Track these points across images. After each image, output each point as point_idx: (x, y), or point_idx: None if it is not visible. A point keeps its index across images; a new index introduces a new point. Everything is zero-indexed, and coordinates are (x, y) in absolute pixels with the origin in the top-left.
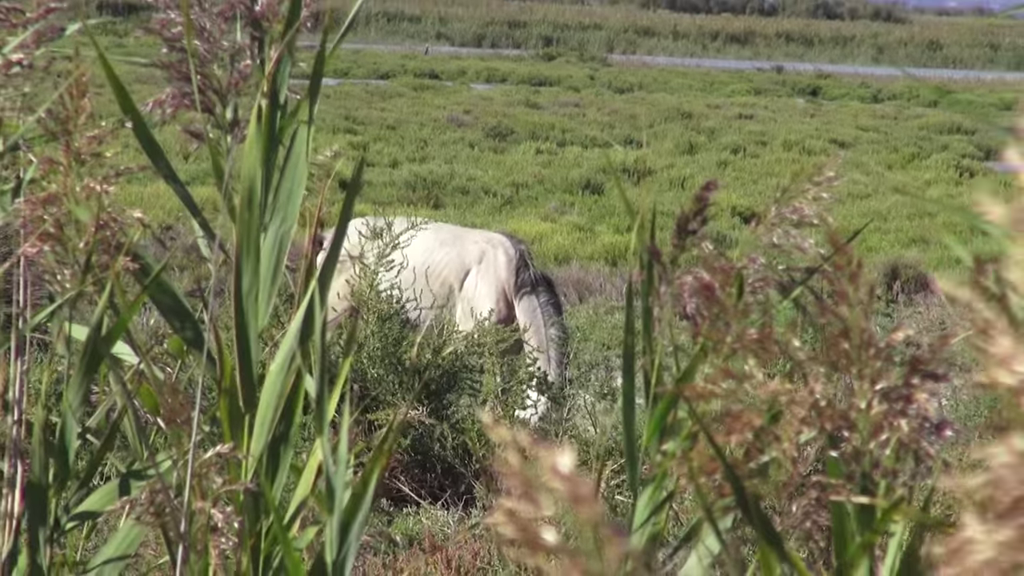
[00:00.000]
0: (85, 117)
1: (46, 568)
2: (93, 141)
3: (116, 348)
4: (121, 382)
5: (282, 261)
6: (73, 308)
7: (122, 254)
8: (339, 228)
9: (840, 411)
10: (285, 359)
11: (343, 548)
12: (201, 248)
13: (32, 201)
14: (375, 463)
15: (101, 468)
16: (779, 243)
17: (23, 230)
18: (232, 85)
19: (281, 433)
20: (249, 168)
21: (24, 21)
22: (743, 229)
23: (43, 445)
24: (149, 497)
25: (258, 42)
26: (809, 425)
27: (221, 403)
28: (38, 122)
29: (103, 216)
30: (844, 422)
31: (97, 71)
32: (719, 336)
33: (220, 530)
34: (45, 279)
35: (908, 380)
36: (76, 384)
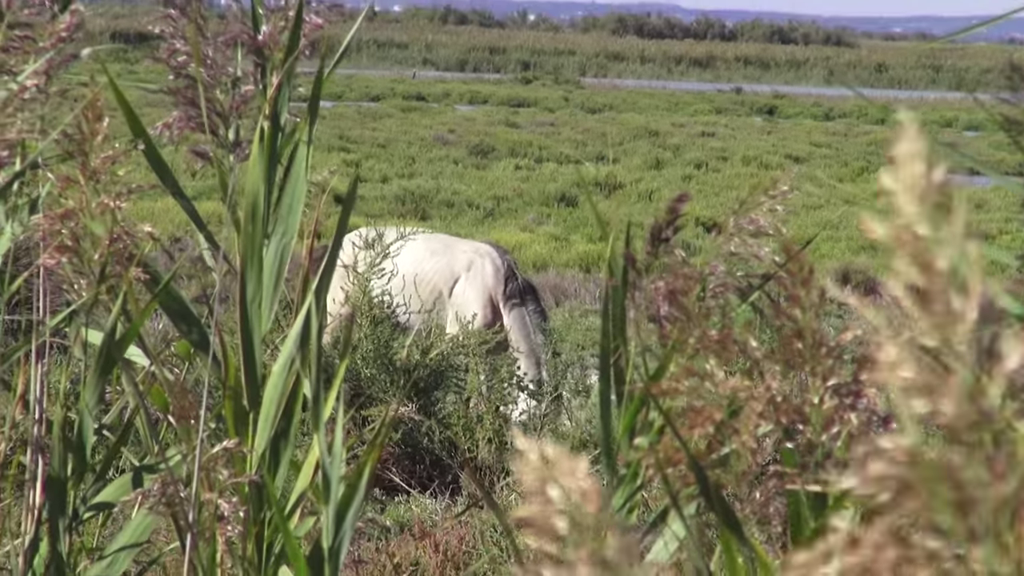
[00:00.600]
0: (100, 139)
1: (65, 555)
2: (107, 161)
3: (129, 351)
4: (133, 383)
5: (283, 271)
6: (89, 314)
7: (134, 265)
8: (335, 239)
9: (794, 406)
10: (286, 361)
11: (339, 535)
12: (206, 259)
13: (50, 216)
14: (368, 456)
15: (116, 462)
16: (737, 251)
17: (42, 243)
18: (234, 108)
19: (282, 430)
20: (252, 185)
21: (37, 49)
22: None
23: (62, 441)
24: (160, 489)
25: (260, 69)
26: (766, 419)
27: (226, 402)
28: (56, 143)
29: (116, 230)
30: (798, 416)
31: (110, 96)
32: (683, 337)
33: (226, 519)
34: (63, 288)
35: (857, 377)
36: (92, 385)
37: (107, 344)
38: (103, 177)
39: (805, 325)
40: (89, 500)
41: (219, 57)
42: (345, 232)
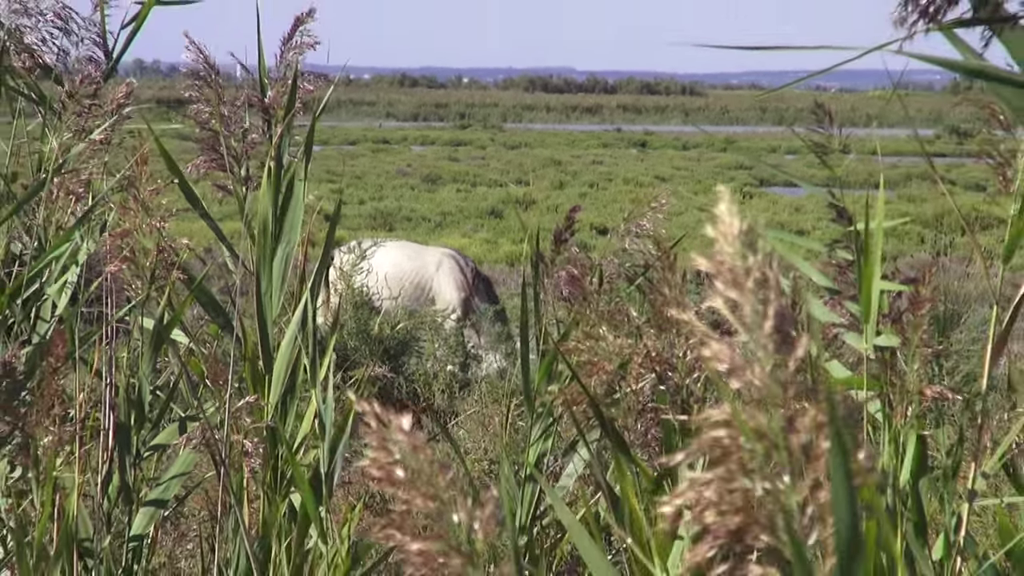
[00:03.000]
0: (147, 177)
1: (131, 483)
2: (153, 193)
3: (173, 333)
4: (178, 356)
5: (288, 271)
6: (143, 307)
7: (176, 269)
8: (326, 247)
9: (665, 359)
10: (291, 338)
11: (332, 463)
12: (229, 264)
13: (113, 235)
14: (352, 404)
15: (167, 414)
16: (627, 248)
17: (108, 255)
18: (246, 152)
19: (289, 388)
20: (262, 208)
21: (103, 114)
22: (598, 239)
23: (126, 400)
24: (200, 433)
25: (266, 122)
26: (645, 369)
27: (247, 368)
28: (117, 182)
29: (161, 244)
30: (669, 366)
31: (154, 145)
32: (584, 310)
33: (250, 454)
34: (124, 288)
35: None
36: (147, 358)
37: (157, 328)
38: (150, 205)
39: (672, 299)
40: (147, 443)
41: (234, 115)
42: (333, 241)
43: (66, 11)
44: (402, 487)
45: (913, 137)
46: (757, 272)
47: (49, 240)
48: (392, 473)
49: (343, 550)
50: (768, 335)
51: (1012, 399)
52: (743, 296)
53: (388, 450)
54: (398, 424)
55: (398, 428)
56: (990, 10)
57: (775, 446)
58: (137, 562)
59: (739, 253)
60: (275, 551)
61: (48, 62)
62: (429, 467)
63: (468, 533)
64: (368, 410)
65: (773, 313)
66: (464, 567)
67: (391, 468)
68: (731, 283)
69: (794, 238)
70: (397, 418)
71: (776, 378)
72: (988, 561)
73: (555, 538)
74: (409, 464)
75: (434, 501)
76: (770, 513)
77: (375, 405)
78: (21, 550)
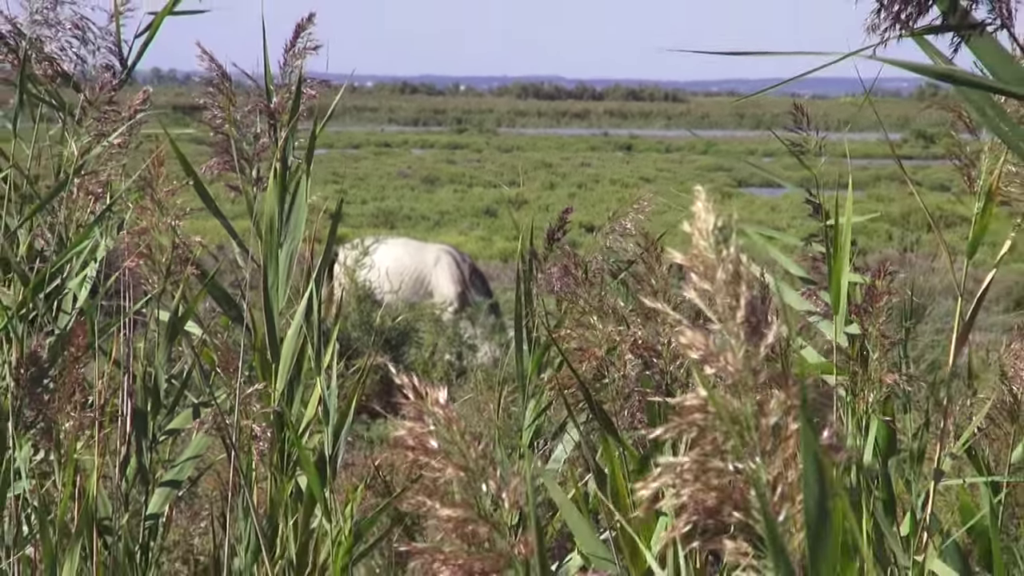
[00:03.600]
0: (163, 178)
1: (148, 465)
2: (168, 193)
3: (187, 325)
4: (191, 346)
5: (293, 266)
6: (159, 300)
7: (189, 265)
8: (328, 244)
9: (651, 346)
10: (296, 328)
11: (336, 446)
12: (239, 260)
13: (131, 232)
14: (354, 391)
15: (180, 401)
16: (611, 246)
17: (126, 251)
18: (255, 155)
19: (295, 375)
20: (269, 207)
21: (120, 119)
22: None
23: (143, 388)
24: (212, 418)
25: (273, 127)
26: (632, 355)
27: (256, 357)
28: (134, 182)
29: (177, 241)
30: (654, 353)
31: (170, 148)
32: (573, 302)
33: (258, 438)
34: (141, 282)
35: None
36: (163, 348)
37: (172, 320)
38: (166, 205)
39: (657, 290)
40: (163, 427)
41: (245, 120)
42: (335, 238)
43: (83, 21)
44: (435, 456)
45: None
46: (729, 265)
47: (70, 237)
48: (426, 442)
49: (346, 528)
50: (739, 324)
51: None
52: (715, 288)
53: (423, 421)
54: (435, 397)
55: (434, 401)
56: (959, 17)
57: (747, 428)
58: (153, 539)
59: (712, 248)
60: (282, 529)
61: (67, 70)
62: (462, 439)
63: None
64: (407, 383)
65: (744, 303)
66: (491, 533)
67: (425, 438)
68: (704, 276)
69: (773, 232)
70: (434, 391)
71: (748, 364)
72: (951, 537)
73: (547, 516)
74: (442, 435)
75: (465, 471)
76: (742, 491)
77: (414, 378)
78: (44, 528)
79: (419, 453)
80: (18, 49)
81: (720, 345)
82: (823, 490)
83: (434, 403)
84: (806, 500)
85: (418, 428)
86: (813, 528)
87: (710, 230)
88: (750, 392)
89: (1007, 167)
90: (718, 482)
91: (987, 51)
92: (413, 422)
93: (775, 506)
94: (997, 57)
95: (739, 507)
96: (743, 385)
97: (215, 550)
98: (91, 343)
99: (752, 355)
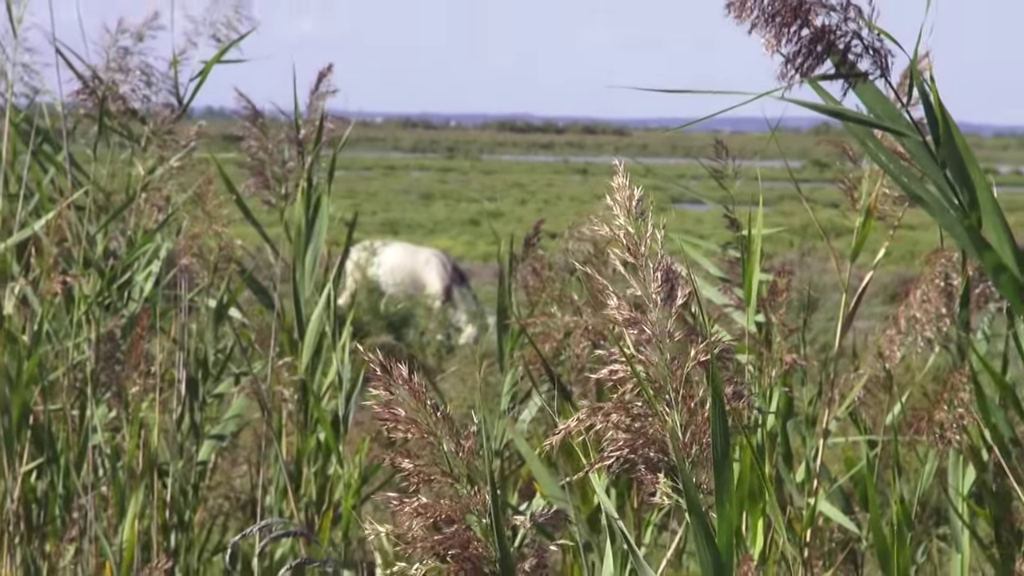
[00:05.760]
0: (211, 194)
1: (199, 422)
2: (216, 206)
3: (231, 311)
4: (233, 328)
5: (316, 264)
6: (208, 291)
7: (232, 263)
8: (345, 247)
9: (600, 331)
10: (319, 314)
11: (348, 408)
12: (271, 259)
13: (186, 237)
14: (363, 364)
15: (225, 371)
16: (571, 248)
17: (182, 252)
18: (285, 176)
19: (316, 351)
20: (297, 217)
21: (177, 146)
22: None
23: (195, 360)
24: (251, 384)
25: (300, 153)
26: (585, 339)
27: (285, 336)
28: (189, 197)
29: (222, 244)
30: (602, 336)
31: (217, 170)
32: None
33: (287, 400)
34: (193, 276)
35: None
36: (211, 328)
37: (219, 306)
38: (214, 215)
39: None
40: (210, 392)
41: (276, 148)
42: (351, 243)
43: (148, 68)
44: (402, 423)
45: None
46: (647, 238)
47: (137, 240)
48: (395, 412)
49: (355, 474)
50: (657, 289)
51: (856, 364)
52: (635, 258)
53: (391, 393)
54: (399, 373)
55: (399, 376)
56: (847, 68)
57: (663, 377)
58: (202, 481)
59: (631, 221)
60: (305, 473)
61: (135, 107)
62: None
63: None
64: (376, 360)
65: (661, 269)
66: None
67: (394, 407)
68: (626, 247)
69: (698, 241)
70: (399, 368)
71: (663, 324)
72: (837, 483)
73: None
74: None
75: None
76: (657, 431)
77: (380, 356)
78: (115, 471)
79: (388, 421)
80: (97, 91)
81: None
82: (726, 432)
83: (399, 378)
84: (713, 438)
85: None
86: (719, 461)
87: (629, 204)
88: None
89: (883, 189)
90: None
91: (869, 95)
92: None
93: (686, 446)
94: (877, 100)
95: (654, 445)
96: (660, 341)
97: (252, 490)
98: (154, 324)
99: (667, 315)
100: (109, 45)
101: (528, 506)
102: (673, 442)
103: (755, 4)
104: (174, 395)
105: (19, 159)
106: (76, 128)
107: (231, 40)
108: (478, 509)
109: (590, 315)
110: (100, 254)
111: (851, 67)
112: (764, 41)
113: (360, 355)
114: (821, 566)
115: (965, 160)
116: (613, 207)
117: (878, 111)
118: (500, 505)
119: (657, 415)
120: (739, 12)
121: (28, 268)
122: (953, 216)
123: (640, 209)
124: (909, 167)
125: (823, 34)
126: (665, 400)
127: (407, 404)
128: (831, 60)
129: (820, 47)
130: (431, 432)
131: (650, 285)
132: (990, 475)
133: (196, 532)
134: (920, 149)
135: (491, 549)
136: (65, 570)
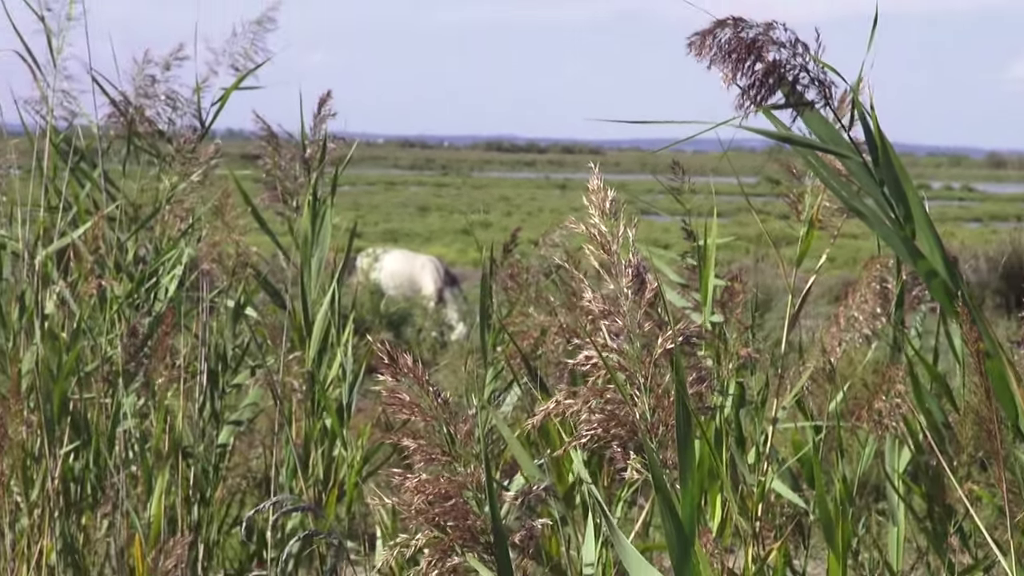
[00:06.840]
0: (230, 206)
1: (219, 409)
2: (234, 217)
3: (247, 310)
4: (249, 325)
5: (321, 268)
6: (226, 292)
7: (248, 268)
8: (347, 253)
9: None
10: (324, 312)
11: (351, 396)
12: (283, 264)
13: (207, 244)
14: (365, 357)
15: (242, 364)
16: (545, 254)
17: (203, 257)
18: (295, 190)
19: (323, 346)
20: (305, 227)
21: (199, 164)
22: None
23: (215, 354)
24: (265, 375)
25: (307, 169)
26: (559, 335)
27: (294, 333)
28: (209, 209)
29: (239, 250)
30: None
31: (235, 185)
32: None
33: (296, 390)
34: (214, 279)
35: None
36: (229, 326)
37: (236, 306)
38: (232, 225)
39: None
40: (229, 383)
41: (286, 165)
42: (352, 250)
43: (174, 94)
44: (406, 407)
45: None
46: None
47: (163, 247)
48: (400, 396)
49: (358, 456)
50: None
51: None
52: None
53: (397, 379)
54: (405, 361)
55: (405, 364)
56: (796, 99)
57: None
58: (221, 461)
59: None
60: (313, 455)
61: (162, 128)
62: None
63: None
64: (384, 350)
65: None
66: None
67: (399, 393)
68: (599, 244)
69: (660, 251)
70: (404, 356)
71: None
72: (785, 464)
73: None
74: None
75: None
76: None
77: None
78: (143, 453)
79: (394, 405)
80: (128, 114)
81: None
82: (688, 414)
83: (405, 366)
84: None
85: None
86: (682, 442)
87: (604, 204)
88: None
89: (824, 203)
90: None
91: (815, 121)
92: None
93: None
94: (821, 126)
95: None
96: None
97: (266, 469)
98: (178, 322)
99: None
100: (138, 73)
101: (510, 483)
102: (642, 424)
103: (713, 43)
104: (196, 385)
105: (59, 175)
106: (109, 148)
107: (248, 69)
108: (474, 486)
109: (564, 315)
110: (130, 260)
111: (799, 97)
112: (722, 75)
113: (361, 349)
114: (772, 537)
115: (900, 178)
116: (589, 207)
117: (823, 135)
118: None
119: (626, 400)
120: (699, 50)
121: (67, 272)
122: (890, 227)
123: (614, 209)
124: (848, 183)
125: (774, 68)
126: (635, 386)
127: (411, 390)
128: (782, 91)
129: (772, 80)
130: (433, 416)
131: (622, 279)
132: (924, 456)
133: (216, 507)
134: (860, 168)
135: (486, 521)
136: (100, 541)
